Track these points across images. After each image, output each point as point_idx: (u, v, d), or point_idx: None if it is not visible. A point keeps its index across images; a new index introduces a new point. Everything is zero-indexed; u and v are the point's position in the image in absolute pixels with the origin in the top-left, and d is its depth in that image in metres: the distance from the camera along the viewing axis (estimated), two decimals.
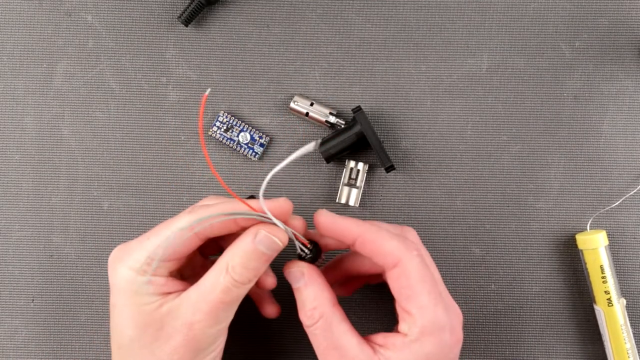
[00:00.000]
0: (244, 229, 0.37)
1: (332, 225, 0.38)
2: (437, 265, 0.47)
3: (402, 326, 0.37)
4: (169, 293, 0.37)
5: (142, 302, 0.36)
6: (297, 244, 0.38)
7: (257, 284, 0.40)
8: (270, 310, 0.44)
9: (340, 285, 0.44)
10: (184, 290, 0.37)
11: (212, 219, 0.36)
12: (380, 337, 0.38)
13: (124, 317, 0.37)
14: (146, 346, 0.36)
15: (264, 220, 0.37)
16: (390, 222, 0.47)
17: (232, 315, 0.37)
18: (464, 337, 0.47)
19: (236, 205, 0.36)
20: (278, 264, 0.39)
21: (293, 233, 0.38)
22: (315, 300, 0.37)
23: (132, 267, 0.37)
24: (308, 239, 0.39)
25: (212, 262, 0.38)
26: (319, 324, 0.37)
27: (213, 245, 0.42)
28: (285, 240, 0.37)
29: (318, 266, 0.40)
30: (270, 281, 0.41)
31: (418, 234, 0.47)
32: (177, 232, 0.36)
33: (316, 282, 0.38)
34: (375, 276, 0.42)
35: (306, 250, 0.39)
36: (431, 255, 0.47)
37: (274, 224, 0.37)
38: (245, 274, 0.36)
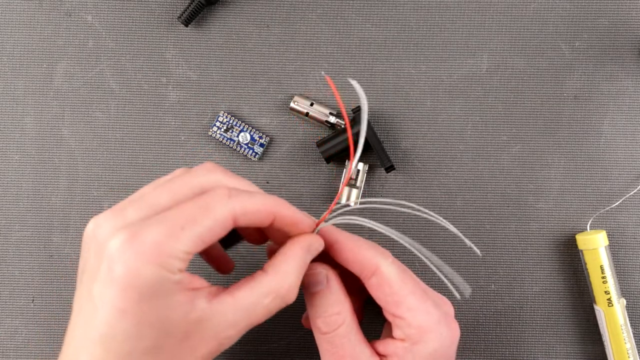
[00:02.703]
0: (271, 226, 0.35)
1: (307, 229, 0.37)
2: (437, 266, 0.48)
3: (397, 332, 0.36)
4: (195, 289, 0.32)
5: (167, 307, 0.31)
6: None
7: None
8: (228, 266, 0.41)
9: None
10: (207, 286, 0.33)
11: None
12: (380, 345, 0.37)
13: (141, 326, 0.30)
14: (165, 355, 0.32)
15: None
16: (390, 222, 0.47)
17: None
18: (464, 337, 0.47)
19: (280, 203, 0.34)
20: None
21: None
22: (338, 304, 0.36)
23: (163, 263, 0.30)
24: None
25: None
26: (339, 330, 0.36)
27: None
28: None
29: None
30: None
31: (418, 234, 0.47)
32: (219, 222, 0.32)
33: (339, 286, 0.37)
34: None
35: None
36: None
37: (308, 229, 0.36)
38: (295, 293, 0.34)
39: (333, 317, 0.36)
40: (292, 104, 0.47)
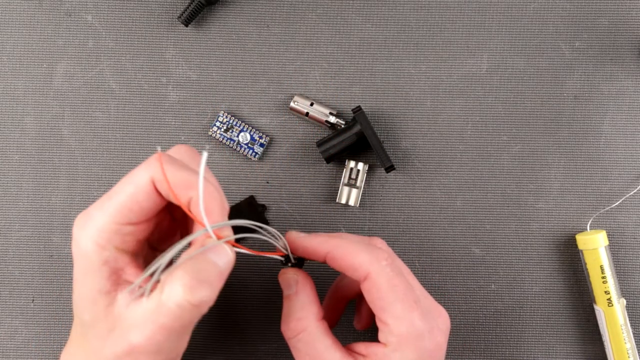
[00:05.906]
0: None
1: (300, 245, 0.37)
2: (437, 266, 0.48)
3: (381, 336, 0.36)
4: (127, 282, 0.32)
5: (98, 287, 0.32)
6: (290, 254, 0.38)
7: None
8: None
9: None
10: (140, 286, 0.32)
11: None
12: (362, 347, 0.37)
13: (83, 298, 0.32)
14: (99, 338, 0.32)
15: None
16: (390, 222, 0.47)
17: (182, 346, 0.33)
18: (464, 337, 0.47)
19: (205, 186, 0.31)
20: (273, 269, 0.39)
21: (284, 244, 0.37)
22: (301, 311, 0.37)
23: (93, 237, 0.32)
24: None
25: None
26: (300, 337, 0.36)
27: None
28: (233, 255, 0.32)
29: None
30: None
31: (418, 234, 0.47)
32: (142, 185, 0.31)
33: (306, 293, 0.37)
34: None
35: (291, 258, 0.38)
36: (431, 255, 0.48)
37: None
38: (197, 294, 0.30)
39: (294, 322, 0.36)
40: (292, 104, 0.47)
